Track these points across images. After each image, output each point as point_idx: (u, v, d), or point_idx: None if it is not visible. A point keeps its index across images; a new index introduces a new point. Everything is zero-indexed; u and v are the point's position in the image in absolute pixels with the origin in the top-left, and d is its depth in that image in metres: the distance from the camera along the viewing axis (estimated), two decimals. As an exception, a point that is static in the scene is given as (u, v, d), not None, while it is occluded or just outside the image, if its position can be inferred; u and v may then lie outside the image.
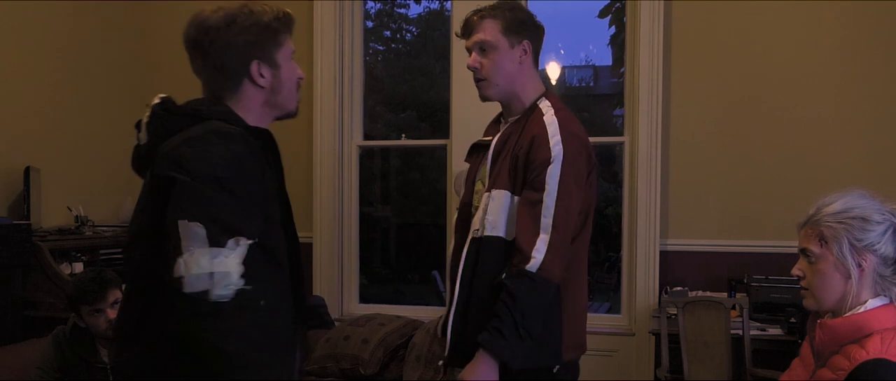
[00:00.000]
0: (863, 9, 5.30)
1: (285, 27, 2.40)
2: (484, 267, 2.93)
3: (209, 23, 2.37)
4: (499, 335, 2.79)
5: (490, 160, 3.03)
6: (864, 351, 2.23)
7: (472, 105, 6.02)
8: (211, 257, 2.05)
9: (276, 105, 2.44)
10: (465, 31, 3.16)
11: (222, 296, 2.05)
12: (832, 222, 2.35)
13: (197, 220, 2.07)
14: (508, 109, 3.16)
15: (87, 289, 3.87)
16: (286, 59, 2.41)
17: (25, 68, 5.66)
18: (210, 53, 2.40)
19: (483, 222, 2.94)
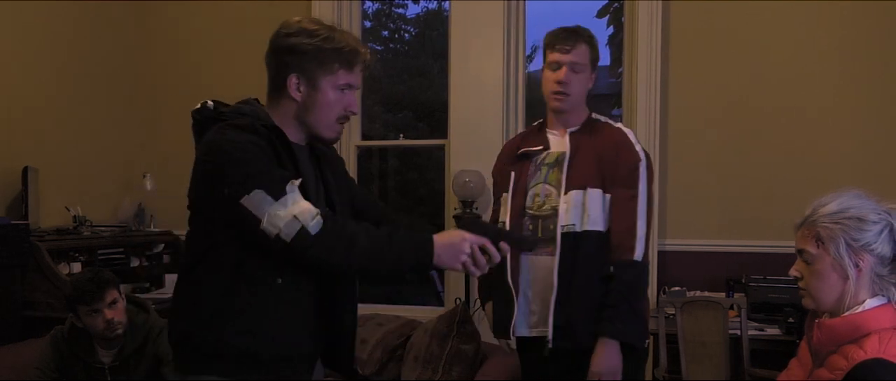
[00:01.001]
0: (861, 9, 5.31)
1: (343, 60, 2.56)
2: (585, 259, 3.26)
3: (281, 27, 2.65)
4: (620, 322, 3.20)
5: (567, 165, 3.35)
6: (862, 351, 2.23)
7: (469, 105, 6.04)
8: (283, 206, 2.34)
9: (307, 123, 2.60)
10: (568, 43, 3.39)
11: (315, 225, 2.35)
12: (828, 223, 2.35)
13: (250, 190, 2.34)
14: (564, 122, 3.48)
15: (84, 289, 3.87)
16: (331, 87, 2.57)
17: (24, 68, 5.67)
18: (269, 53, 2.65)
19: (580, 218, 3.28)
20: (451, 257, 2.49)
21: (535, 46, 7.31)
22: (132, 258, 6.00)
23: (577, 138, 3.43)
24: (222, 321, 2.46)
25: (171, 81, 6.73)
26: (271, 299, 2.49)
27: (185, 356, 2.57)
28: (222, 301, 2.46)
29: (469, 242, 2.49)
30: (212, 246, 2.49)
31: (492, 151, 5.90)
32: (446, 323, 4.67)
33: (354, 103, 2.64)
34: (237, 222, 2.39)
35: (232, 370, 2.49)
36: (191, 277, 2.55)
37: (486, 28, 6.00)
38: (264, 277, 2.48)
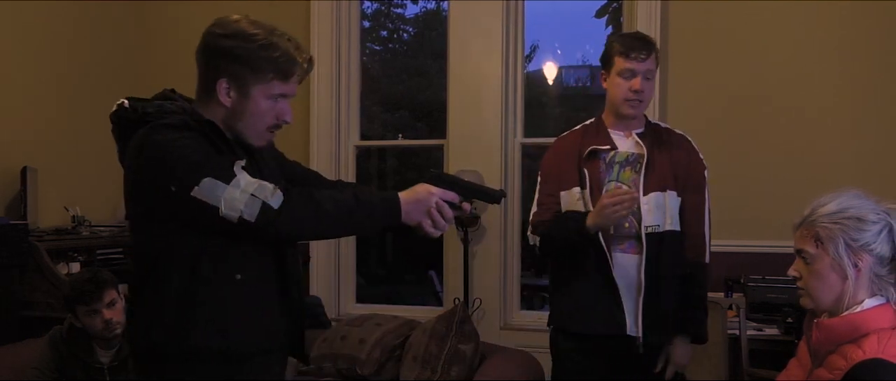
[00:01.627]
0: (860, 9, 5.31)
1: (277, 70, 2.45)
2: (670, 257, 3.46)
3: (215, 24, 2.56)
4: (701, 323, 3.55)
5: (645, 167, 3.50)
6: (860, 351, 2.24)
7: (468, 105, 6.05)
8: (237, 187, 2.28)
9: (235, 129, 2.50)
10: (644, 51, 3.50)
11: (276, 199, 2.29)
12: (828, 223, 2.35)
13: (198, 180, 2.27)
14: (627, 124, 3.62)
15: (83, 289, 3.88)
16: (263, 96, 2.46)
17: (23, 68, 5.66)
18: (199, 50, 2.55)
19: (663, 218, 3.47)
20: (419, 212, 2.48)
21: (535, 46, 7.32)
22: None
23: (647, 140, 3.58)
24: (188, 325, 2.40)
25: (170, 82, 6.66)
26: (234, 296, 2.43)
27: (156, 367, 2.48)
28: (184, 305, 2.40)
29: (436, 196, 2.50)
30: (162, 252, 2.41)
31: (491, 151, 5.95)
32: (445, 323, 4.68)
33: (287, 112, 2.53)
34: (192, 216, 2.32)
35: (208, 372, 2.44)
36: (146, 287, 2.47)
37: (484, 28, 6.00)
38: (223, 275, 2.42)
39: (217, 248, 2.39)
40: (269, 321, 2.53)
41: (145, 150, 2.36)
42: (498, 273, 5.96)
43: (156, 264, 2.42)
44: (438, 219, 2.49)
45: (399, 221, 2.46)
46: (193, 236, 2.37)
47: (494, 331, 5.82)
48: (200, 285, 2.39)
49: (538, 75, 7.87)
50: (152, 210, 2.40)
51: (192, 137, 2.37)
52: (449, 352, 4.55)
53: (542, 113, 7.80)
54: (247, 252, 2.44)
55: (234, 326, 2.43)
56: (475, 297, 5.93)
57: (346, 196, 2.42)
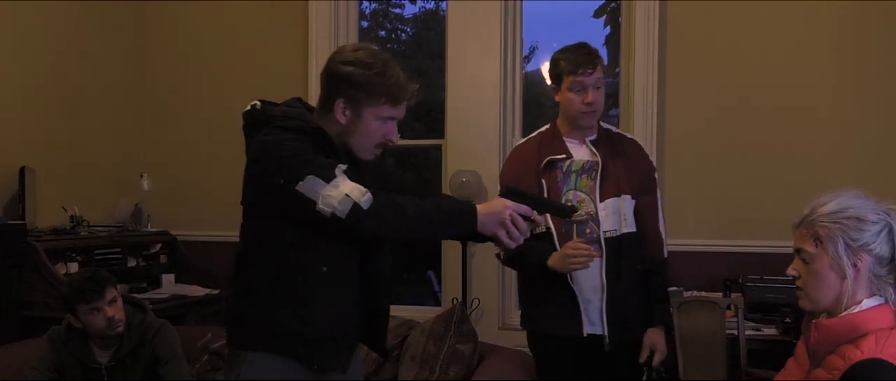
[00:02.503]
0: (858, 10, 5.32)
1: (389, 95, 2.74)
2: (628, 258, 3.66)
3: (338, 52, 2.83)
4: (667, 314, 3.87)
5: (601, 174, 3.68)
6: (859, 351, 2.23)
7: (466, 105, 6.05)
8: (335, 186, 2.56)
9: (347, 143, 2.80)
10: (590, 66, 3.63)
11: (366, 201, 2.56)
12: (827, 222, 2.35)
13: (303, 176, 2.57)
14: (584, 132, 3.77)
15: (84, 288, 3.88)
16: (373, 117, 2.76)
17: (21, 68, 5.67)
18: (324, 72, 2.82)
19: (619, 223, 3.66)
20: (493, 223, 2.70)
21: (533, 47, 7.31)
22: (129, 258, 5.99)
23: (601, 148, 3.74)
24: (273, 304, 2.72)
25: (168, 82, 6.73)
26: (316, 286, 2.72)
27: (238, 334, 2.81)
28: (272, 287, 2.72)
29: (510, 209, 2.71)
30: (263, 238, 2.73)
31: (489, 151, 5.95)
32: (443, 323, 4.67)
33: (394, 133, 2.83)
34: (293, 207, 2.61)
35: (280, 347, 2.74)
36: (245, 266, 2.79)
37: (482, 28, 6.01)
38: (310, 265, 2.71)
39: (309, 240, 2.69)
40: (346, 312, 2.84)
41: (263, 146, 2.68)
42: (496, 273, 5.97)
43: (255, 249, 2.75)
44: (513, 230, 2.71)
45: (475, 230, 2.70)
46: (291, 228, 2.67)
47: (493, 331, 5.82)
48: (289, 271, 2.71)
49: (536, 75, 7.87)
50: (261, 199, 2.71)
51: (304, 140, 2.67)
52: (447, 352, 4.55)
53: (540, 113, 7.79)
54: (335, 248, 2.73)
55: (312, 313, 2.73)
56: (473, 297, 5.94)
57: (428, 204, 2.67)
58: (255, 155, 2.72)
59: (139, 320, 4.10)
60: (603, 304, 3.64)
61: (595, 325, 3.67)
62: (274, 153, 2.64)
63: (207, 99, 6.55)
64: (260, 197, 2.72)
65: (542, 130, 3.92)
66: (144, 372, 4.07)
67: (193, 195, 6.58)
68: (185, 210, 6.57)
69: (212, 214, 6.48)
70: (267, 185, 2.66)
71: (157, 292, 5.90)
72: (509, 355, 4.61)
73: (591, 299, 3.66)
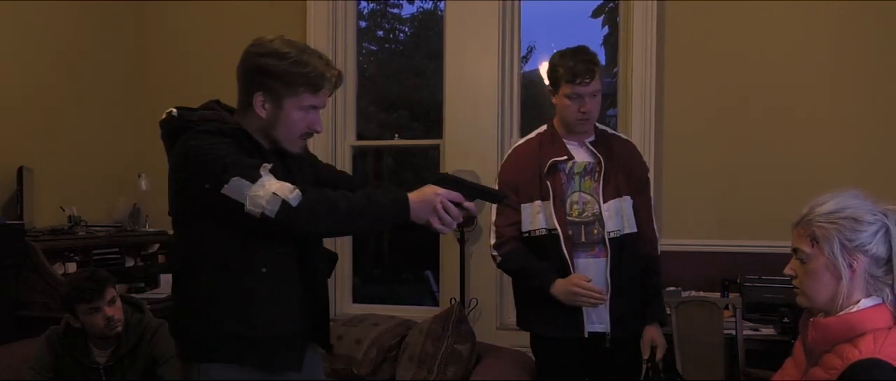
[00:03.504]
0: (856, 9, 5.32)
1: (308, 83, 2.72)
2: (630, 257, 3.74)
3: (253, 45, 2.81)
4: (662, 309, 3.90)
5: (603, 176, 3.73)
6: (856, 351, 2.24)
7: (464, 105, 6.05)
8: (261, 186, 2.54)
9: (270, 137, 2.79)
10: (588, 76, 3.66)
11: (295, 197, 2.54)
12: (824, 223, 2.36)
13: (228, 179, 2.54)
14: (583, 134, 3.82)
15: (84, 287, 3.88)
16: (295, 108, 2.74)
17: (19, 68, 5.66)
18: (239, 67, 2.82)
19: (621, 223, 3.73)
20: (425, 211, 2.70)
21: (531, 47, 7.31)
22: (127, 258, 5.99)
23: (601, 150, 3.79)
24: (217, 311, 2.69)
25: (166, 81, 6.72)
26: (258, 287, 2.70)
27: (187, 347, 2.78)
28: (214, 294, 2.69)
29: (441, 196, 2.71)
30: (197, 246, 2.71)
31: (487, 151, 5.95)
32: (441, 323, 4.68)
33: (317, 122, 2.81)
34: (222, 212, 2.58)
35: (231, 354, 2.71)
36: (182, 277, 2.78)
37: (481, 28, 6.01)
38: (249, 267, 2.69)
39: (245, 243, 2.66)
40: (291, 310, 2.81)
41: (185, 152, 2.66)
42: (494, 273, 5.96)
43: (191, 256, 2.73)
44: (445, 217, 2.71)
45: (408, 219, 2.70)
46: (224, 233, 2.65)
47: (491, 331, 5.82)
48: (229, 276, 2.68)
49: (534, 75, 7.88)
50: (189, 207, 2.70)
51: (226, 142, 2.65)
52: (445, 352, 4.56)
53: (538, 113, 7.79)
54: (271, 248, 2.71)
55: (258, 314, 2.71)
56: (471, 297, 5.94)
57: (359, 196, 2.65)
58: (178, 162, 2.71)
59: (137, 320, 4.10)
60: (607, 303, 3.69)
61: (599, 324, 3.73)
62: (196, 159, 2.62)
63: (205, 98, 6.50)
64: (188, 205, 2.72)
65: (541, 131, 3.94)
66: (142, 372, 4.07)
67: (191, 195, 6.57)
68: (184, 210, 6.56)
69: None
70: (193, 191, 2.65)
71: (155, 292, 5.90)
72: (507, 355, 4.62)
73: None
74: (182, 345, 2.80)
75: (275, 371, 2.78)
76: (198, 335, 2.73)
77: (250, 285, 2.70)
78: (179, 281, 2.80)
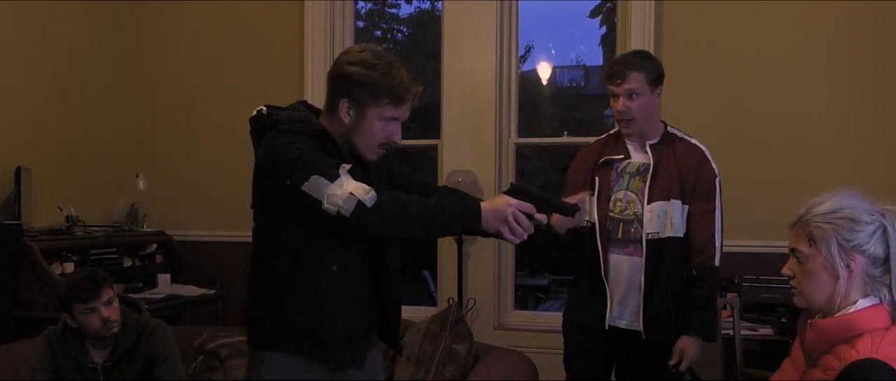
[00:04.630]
0: (854, 10, 5.31)
1: (393, 95, 2.79)
2: (671, 261, 3.74)
3: (345, 53, 2.89)
4: (709, 322, 3.77)
5: (650, 177, 3.78)
6: (854, 351, 2.24)
7: (462, 106, 6.05)
8: (339, 185, 2.62)
9: (351, 143, 2.86)
10: (618, 77, 3.77)
11: (370, 199, 2.61)
12: (821, 223, 2.36)
13: (308, 177, 2.62)
14: (641, 135, 3.88)
15: (81, 287, 3.87)
16: (377, 118, 2.81)
17: (17, 68, 5.66)
18: (330, 73, 2.88)
19: (663, 226, 3.75)
20: (497, 221, 2.74)
21: (529, 47, 7.31)
22: (125, 258, 5.99)
23: (658, 152, 3.85)
24: (287, 304, 2.81)
25: (164, 82, 6.72)
26: (328, 285, 2.80)
27: (256, 334, 2.90)
28: (286, 287, 2.80)
29: (513, 207, 2.74)
30: (274, 240, 2.82)
31: (485, 151, 5.96)
32: (439, 323, 4.68)
33: (397, 133, 2.88)
34: (299, 208, 2.67)
35: (296, 347, 2.82)
36: (258, 267, 2.88)
37: (478, 28, 6.01)
38: (320, 265, 2.78)
39: (318, 241, 2.76)
40: (359, 310, 2.91)
41: (269, 149, 2.74)
42: (492, 273, 5.97)
43: (267, 250, 2.84)
44: (516, 228, 2.74)
45: (479, 227, 2.76)
46: (299, 229, 2.75)
47: (489, 331, 5.82)
48: (301, 272, 2.79)
49: (532, 75, 7.88)
50: (269, 202, 2.79)
51: (308, 142, 2.74)
52: (443, 352, 4.56)
53: (536, 113, 7.80)
54: (343, 247, 2.80)
55: (326, 311, 2.81)
56: (469, 297, 5.94)
57: (432, 201, 2.75)
58: (262, 158, 2.78)
59: (135, 320, 4.11)
60: (640, 301, 3.76)
61: (623, 320, 3.82)
62: (279, 156, 2.70)
63: (204, 99, 6.55)
64: (268, 200, 2.79)
65: (611, 132, 4.06)
66: (140, 372, 4.08)
67: (189, 195, 6.58)
68: (181, 210, 6.57)
69: (208, 214, 6.49)
70: (274, 187, 2.72)
71: (152, 292, 5.90)
72: (505, 355, 4.62)
73: (627, 295, 3.80)
74: (251, 332, 2.91)
75: (337, 368, 2.87)
76: (267, 325, 2.84)
77: (320, 282, 2.79)
78: (255, 272, 2.89)
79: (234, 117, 6.23)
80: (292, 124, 2.78)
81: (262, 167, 2.78)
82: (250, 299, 2.92)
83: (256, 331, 2.90)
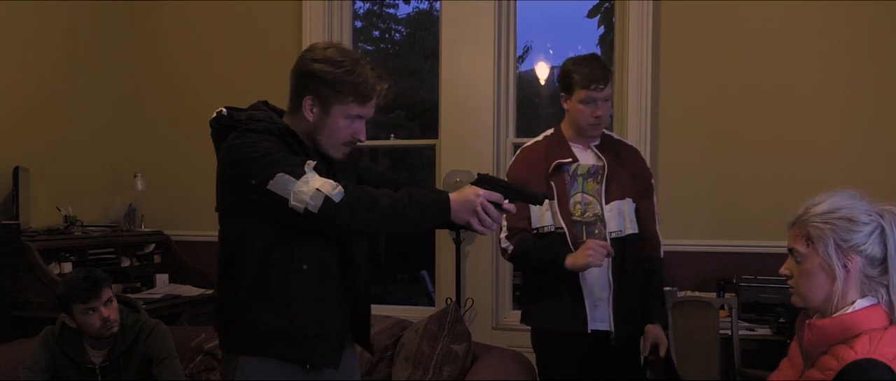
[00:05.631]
0: (852, 10, 5.32)
1: (357, 93, 2.78)
2: (632, 258, 3.85)
3: (308, 50, 2.87)
4: (664, 311, 4.01)
5: (606, 178, 3.85)
6: (852, 351, 2.24)
7: (460, 105, 6.05)
8: (306, 182, 2.59)
9: (315, 141, 2.84)
10: (603, 82, 3.78)
11: (338, 194, 2.59)
12: (819, 223, 2.36)
13: (273, 175, 2.60)
14: (590, 138, 3.93)
15: (80, 287, 3.87)
16: (341, 115, 2.80)
17: (15, 69, 5.67)
18: (293, 69, 2.86)
19: (623, 224, 3.84)
20: (465, 212, 2.74)
21: (527, 47, 7.30)
22: (123, 258, 6.00)
23: (606, 154, 3.91)
24: (258, 306, 2.76)
25: (161, 82, 6.72)
26: (300, 284, 2.76)
27: (228, 339, 2.86)
28: (256, 289, 2.76)
29: (482, 197, 2.74)
30: (241, 242, 2.77)
31: (483, 151, 5.96)
32: (437, 323, 4.68)
33: (362, 131, 2.86)
34: (266, 207, 2.64)
35: (270, 349, 2.78)
36: (227, 271, 2.82)
37: (476, 28, 6.01)
38: (291, 265, 2.75)
39: (287, 240, 2.73)
40: (331, 308, 2.87)
41: (232, 150, 2.71)
42: (490, 273, 5.97)
43: (235, 252, 2.79)
44: (485, 218, 2.75)
45: (448, 219, 2.75)
46: (267, 229, 2.72)
47: (486, 331, 5.83)
48: (271, 272, 2.75)
49: (530, 75, 7.88)
50: (235, 203, 2.75)
51: (272, 140, 2.71)
52: (441, 352, 4.55)
53: (533, 113, 7.81)
54: (313, 245, 2.77)
55: (299, 311, 2.77)
56: (467, 297, 5.94)
57: (401, 195, 2.70)
58: (225, 159, 2.75)
59: (133, 320, 4.10)
60: (610, 301, 3.80)
61: (601, 322, 3.82)
62: (243, 155, 2.67)
63: (201, 99, 6.54)
64: (234, 200, 2.76)
65: (548, 134, 4.03)
66: (138, 372, 4.07)
67: (187, 195, 6.58)
68: (179, 210, 6.57)
69: (205, 214, 6.42)
70: (239, 187, 2.70)
71: (150, 292, 5.90)
72: (503, 355, 4.62)
73: (600, 297, 3.81)
74: (223, 337, 2.88)
75: (313, 368, 2.84)
76: (239, 328, 2.80)
77: (291, 282, 2.76)
78: (224, 274, 2.85)
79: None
80: (254, 124, 2.77)
81: (226, 168, 2.75)
82: (220, 304, 2.89)
83: (229, 335, 2.86)
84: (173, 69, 6.69)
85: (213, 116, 2.87)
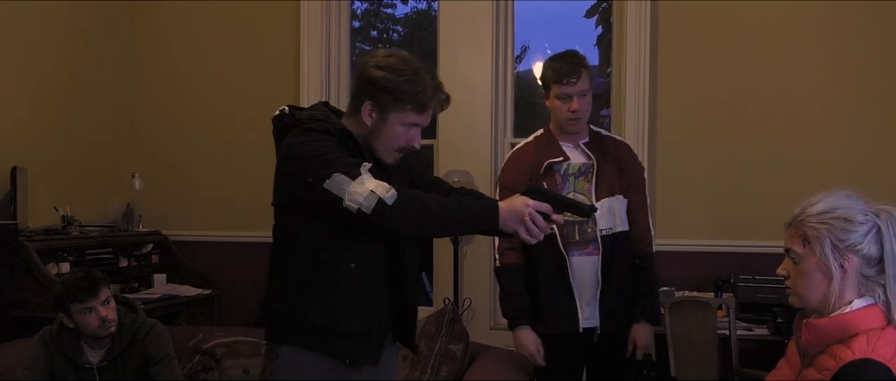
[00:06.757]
0: (850, 10, 5.33)
1: (416, 102, 2.86)
2: (622, 254, 3.88)
3: (371, 56, 2.93)
4: (655, 308, 4.00)
5: (596, 175, 3.89)
6: (850, 351, 2.24)
7: (458, 106, 6.00)
8: (361, 183, 2.65)
9: (370, 144, 2.90)
10: (574, 76, 3.82)
11: (390, 197, 2.64)
12: (815, 223, 2.36)
13: (330, 174, 2.66)
14: (576, 135, 3.97)
15: (78, 287, 3.86)
16: (398, 122, 2.86)
17: (13, 69, 5.66)
18: (356, 75, 2.93)
19: (613, 221, 3.88)
20: (514, 221, 2.78)
21: (525, 47, 7.30)
22: (121, 258, 5.99)
23: (594, 151, 3.95)
24: (304, 300, 2.83)
25: (160, 82, 6.72)
26: (345, 282, 2.82)
27: (272, 328, 2.93)
28: (302, 283, 2.83)
29: (531, 208, 2.78)
30: (293, 237, 2.84)
31: (481, 151, 5.96)
32: (435, 323, 4.68)
33: (417, 139, 2.93)
34: (321, 205, 2.71)
35: (311, 342, 2.84)
36: (277, 264, 2.91)
37: (474, 28, 6.02)
38: (339, 263, 2.81)
39: (337, 238, 2.79)
40: (375, 307, 2.92)
41: (291, 147, 2.78)
42: (488, 274, 5.97)
43: (287, 247, 2.87)
44: (533, 228, 2.78)
45: (496, 227, 2.80)
46: (319, 226, 2.78)
47: (484, 331, 5.83)
48: (320, 268, 2.81)
49: (528, 75, 7.89)
50: (290, 199, 2.82)
51: (330, 140, 2.78)
52: (439, 352, 4.55)
53: (531, 113, 7.81)
54: (363, 245, 2.82)
55: (342, 307, 2.83)
56: (465, 297, 5.94)
57: (451, 200, 2.77)
58: (284, 156, 2.81)
59: (130, 319, 4.10)
60: (597, 297, 3.85)
61: (591, 319, 3.88)
62: (301, 153, 2.74)
63: (199, 99, 6.55)
64: (290, 197, 2.82)
65: (538, 135, 4.07)
66: (136, 372, 4.07)
67: (185, 195, 6.58)
68: (177, 210, 6.57)
69: (203, 214, 6.49)
70: (296, 184, 2.76)
71: (148, 292, 5.90)
72: (501, 355, 4.62)
73: (590, 295, 3.86)
74: (268, 326, 2.94)
75: (351, 364, 2.89)
76: (283, 319, 2.87)
77: (338, 279, 2.82)
78: (275, 268, 2.92)
79: (230, 118, 6.27)
80: (314, 123, 2.82)
81: (284, 165, 2.81)
82: (268, 295, 2.96)
83: (273, 325, 2.92)
84: (171, 69, 6.69)
85: (275, 113, 2.93)
